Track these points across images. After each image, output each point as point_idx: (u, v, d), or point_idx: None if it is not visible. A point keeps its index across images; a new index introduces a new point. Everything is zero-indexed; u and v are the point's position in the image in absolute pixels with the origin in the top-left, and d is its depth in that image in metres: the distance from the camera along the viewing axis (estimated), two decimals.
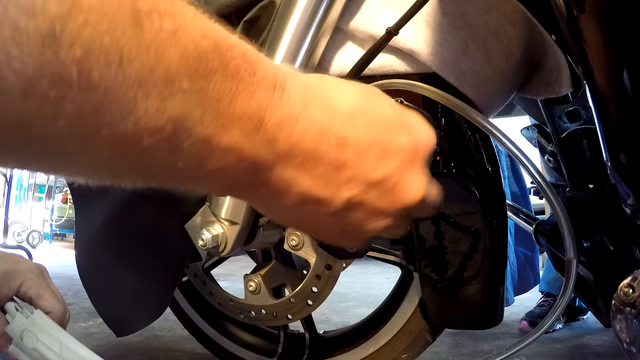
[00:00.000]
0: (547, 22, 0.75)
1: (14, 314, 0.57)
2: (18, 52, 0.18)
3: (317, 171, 0.30)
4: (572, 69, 0.77)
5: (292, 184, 0.30)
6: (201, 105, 0.24)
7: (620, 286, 0.61)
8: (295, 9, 0.73)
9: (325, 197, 0.31)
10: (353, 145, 0.30)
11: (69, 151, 0.23)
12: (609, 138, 0.60)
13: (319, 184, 0.30)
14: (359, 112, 0.31)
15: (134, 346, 1.41)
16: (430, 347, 0.98)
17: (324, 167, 0.30)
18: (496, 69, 0.79)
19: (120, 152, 0.24)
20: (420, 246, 0.82)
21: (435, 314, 0.85)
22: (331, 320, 1.87)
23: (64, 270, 2.83)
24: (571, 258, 0.68)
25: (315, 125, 0.29)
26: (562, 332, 1.76)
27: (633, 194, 0.61)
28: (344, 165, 0.30)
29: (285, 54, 0.74)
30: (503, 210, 0.82)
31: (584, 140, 0.90)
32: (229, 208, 0.84)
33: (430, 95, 0.68)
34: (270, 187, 0.30)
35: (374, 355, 0.96)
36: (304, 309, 0.94)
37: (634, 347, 0.60)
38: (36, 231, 5.76)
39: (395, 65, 0.77)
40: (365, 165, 0.31)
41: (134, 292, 0.98)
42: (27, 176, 6.14)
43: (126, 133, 0.23)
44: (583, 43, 0.57)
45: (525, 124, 1.16)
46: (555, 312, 0.70)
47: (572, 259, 0.67)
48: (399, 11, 0.69)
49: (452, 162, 0.78)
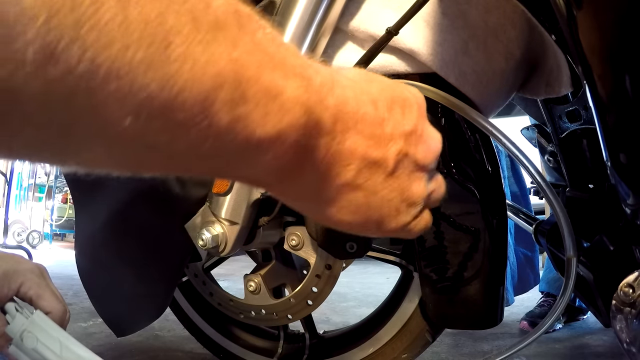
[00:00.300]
0: (547, 22, 0.75)
1: (14, 314, 0.57)
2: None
3: (367, 131, 0.30)
4: (572, 69, 0.77)
5: (352, 147, 0.30)
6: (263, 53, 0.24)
7: (620, 286, 0.61)
8: (295, 9, 0.73)
9: (380, 156, 0.31)
10: (382, 103, 0.32)
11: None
12: (609, 138, 0.60)
13: (371, 144, 0.31)
14: (369, 79, 0.33)
15: (134, 346, 1.41)
16: (430, 347, 0.98)
17: (370, 126, 0.31)
18: (496, 69, 0.79)
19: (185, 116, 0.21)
20: (420, 246, 0.82)
21: (435, 314, 0.85)
22: (331, 320, 1.87)
23: (64, 270, 2.83)
24: (571, 256, 0.68)
25: (348, 90, 0.30)
26: (562, 332, 1.76)
27: (633, 194, 0.61)
28: (383, 122, 0.31)
29: None
30: (503, 210, 0.82)
31: (584, 140, 0.90)
32: (229, 208, 0.84)
33: (430, 95, 0.68)
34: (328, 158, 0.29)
35: (374, 355, 0.96)
36: (304, 309, 0.94)
37: (634, 347, 0.60)
38: (36, 231, 5.76)
39: (395, 65, 0.77)
40: (397, 119, 0.32)
41: (134, 292, 0.98)
42: (27, 176, 6.15)
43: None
44: (583, 43, 0.57)
45: (525, 124, 1.16)
46: (556, 312, 0.70)
47: (572, 258, 0.68)
48: (399, 11, 0.69)
49: (452, 162, 0.78)
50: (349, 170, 0.31)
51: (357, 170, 0.31)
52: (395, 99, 0.33)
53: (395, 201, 0.34)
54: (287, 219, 0.92)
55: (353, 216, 0.33)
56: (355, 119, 0.30)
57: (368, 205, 0.33)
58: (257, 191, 0.83)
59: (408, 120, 0.33)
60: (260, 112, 0.23)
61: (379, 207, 0.33)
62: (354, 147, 0.30)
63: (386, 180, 0.33)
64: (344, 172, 0.30)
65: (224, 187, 0.84)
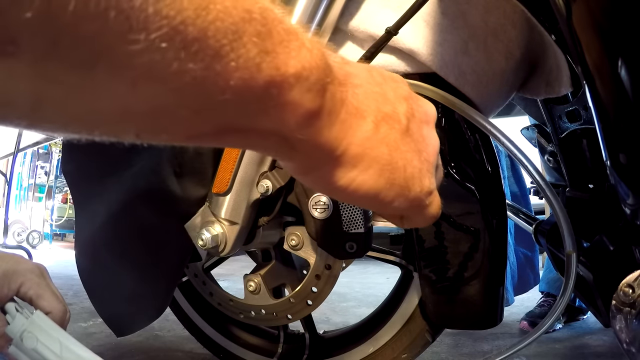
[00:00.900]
0: (547, 22, 0.75)
1: (14, 314, 0.57)
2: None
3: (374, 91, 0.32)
4: (572, 69, 0.77)
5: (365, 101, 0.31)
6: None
7: (620, 286, 0.61)
8: (295, 9, 0.73)
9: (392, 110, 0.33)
10: (377, 75, 0.34)
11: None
12: (609, 138, 0.60)
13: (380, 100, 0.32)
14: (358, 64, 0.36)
15: (134, 346, 1.41)
16: (430, 347, 0.98)
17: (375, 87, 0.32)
18: (496, 69, 0.79)
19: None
20: (420, 246, 0.82)
21: (435, 314, 0.85)
22: (331, 320, 1.87)
23: (64, 270, 2.83)
24: (570, 252, 0.68)
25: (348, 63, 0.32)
26: (562, 332, 1.76)
27: (633, 194, 0.61)
28: (382, 85, 0.33)
29: None
30: (503, 210, 0.82)
31: (584, 140, 0.90)
32: (229, 208, 0.84)
33: (430, 94, 0.68)
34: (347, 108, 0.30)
35: (374, 355, 0.96)
36: (303, 309, 0.94)
37: (634, 347, 0.60)
38: (36, 231, 5.76)
39: (395, 65, 0.77)
40: (393, 86, 0.34)
41: (134, 292, 0.98)
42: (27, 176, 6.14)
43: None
44: (583, 43, 0.57)
45: (525, 124, 1.16)
46: (557, 309, 0.70)
47: (571, 253, 0.67)
48: (399, 11, 0.69)
49: (452, 162, 0.78)
50: (367, 122, 0.31)
51: (375, 122, 0.31)
52: (385, 74, 0.35)
53: (416, 162, 0.34)
54: (287, 219, 0.92)
55: (377, 179, 0.32)
56: (359, 81, 0.31)
57: (392, 165, 0.32)
58: (257, 191, 0.83)
59: (402, 89, 0.35)
60: (284, 48, 0.24)
61: (402, 168, 0.33)
62: (367, 102, 0.31)
63: (403, 138, 0.33)
64: (364, 124, 0.31)
65: (224, 187, 0.84)
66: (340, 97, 0.29)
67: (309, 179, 0.33)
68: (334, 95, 0.28)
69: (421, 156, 0.35)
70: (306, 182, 0.34)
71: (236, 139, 0.27)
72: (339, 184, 0.32)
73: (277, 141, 0.28)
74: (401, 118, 0.33)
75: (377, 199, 0.33)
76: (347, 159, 0.31)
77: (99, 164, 0.98)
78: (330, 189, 0.32)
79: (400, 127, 0.33)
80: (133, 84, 0.20)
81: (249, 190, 0.83)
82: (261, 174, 0.83)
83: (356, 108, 0.30)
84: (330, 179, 0.32)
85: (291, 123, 0.27)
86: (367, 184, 0.32)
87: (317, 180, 0.32)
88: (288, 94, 0.25)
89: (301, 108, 0.26)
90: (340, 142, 0.30)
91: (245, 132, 0.26)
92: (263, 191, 0.82)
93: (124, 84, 0.20)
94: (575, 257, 0.68)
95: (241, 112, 0.24)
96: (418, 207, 0.36)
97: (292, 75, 0.24)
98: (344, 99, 0.29)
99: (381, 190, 0.33)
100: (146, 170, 0.90)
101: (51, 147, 5.84)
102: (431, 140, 0.36)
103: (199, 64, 0.21)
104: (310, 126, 0.28)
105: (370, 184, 0.32)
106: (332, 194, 0.33)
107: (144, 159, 0.91)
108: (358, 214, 0.82)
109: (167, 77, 0.20)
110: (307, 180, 0.33)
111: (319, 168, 0.31)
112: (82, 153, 1.00)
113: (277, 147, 0.29)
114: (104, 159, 0.97)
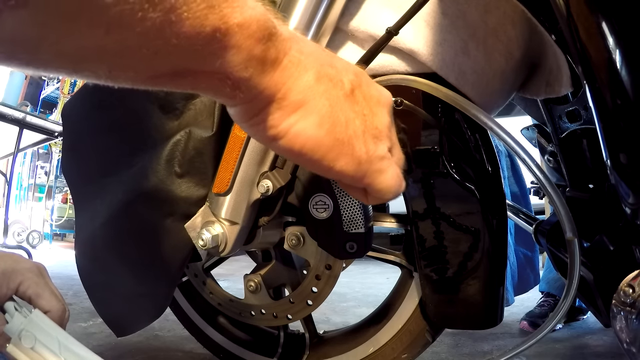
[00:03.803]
0: (547, 22, 0.75)
1: (13, 313, 0.57)
2: None
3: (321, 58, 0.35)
4: (572, 69, 0.77)
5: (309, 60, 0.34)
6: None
7: (620, 286, 0.61)
8: (295, 9, 0.73)
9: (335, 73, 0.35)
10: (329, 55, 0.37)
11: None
12: (609, 138, 0.60)
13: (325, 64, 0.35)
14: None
15: (134, 346, 1.41)
16: (430, 347, 0.98)
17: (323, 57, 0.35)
18: (496, 69, 0.79)
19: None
20: (420, 246, 0.82)
21: (435, 314, 0.85)
22: (331, 320, 1.87)
23: (64, 270, 2.83)
24: (571, 237, 0.67)
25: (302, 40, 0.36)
26: (562, 332, 1.76)
27: (633, 194, 0.61)
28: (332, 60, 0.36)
29: None
30: (503, 210, 0.82)
31: (584, 140, 0.90)
32: (229, 208, 0.84)
33: (430, 90, 0.68)
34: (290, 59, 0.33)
35: (374, 355, 0.95)
36: (304, 309, 0.94)
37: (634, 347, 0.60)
38: (36, 231, 5.76)
39: (395, 65, 0.77)
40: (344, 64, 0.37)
41: (134, 292, 0.98)
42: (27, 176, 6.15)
43: None
44: (583, 43, 0.57)
45: (525, 124, 1.16)
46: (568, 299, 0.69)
47: (572, 239, 0.67)
48: (399, 11, 0.69)
49: (452, 162, 0.78)
50: (309, 74, 0.34)
51: (318, 76, 0.34)
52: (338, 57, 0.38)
53: (359, 124, 0.36)
54: (287, 219, 0.92)
55: (317, 129, 0.34)
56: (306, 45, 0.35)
57: (333, 118, 0.34)
58: (257, 191, 0.83)
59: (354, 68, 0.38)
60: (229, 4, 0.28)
61: (344, 124, 0.35)
62: (310, 59, 0.34)
63: (346, 99, 0.35)
64: (305, 74, 0.33)
65: (224, 187, 0.84)
66: (282, 47, 0.32)
67: (252, 126, 0.35)
68: (276, 45, 0.32)
69: (366, 120, 0.36)
70: (250, 132, 0.36)
71: (189, 80, 0.31)
72: (279, 129, 0.34)
73: (223, 81, 0.31)
74: (345, 83, 0.35)
75: (319, 152, 0.35)
76: (287, 104, 0.33)
77: (99, 164, 0.98)
78: (271, 137, 0.34)
79: (343, 90, 0.35)
80: (107, 29, 0.25)
81: (249, 190, 0.83)
82: (261, 174, 0.83)
83: (299, 60, 0.33)
84: (271, 122, 0.34)
85: (235, 64, 0.31)
86: (306, 131, 0.34)
87: (259, 128, 0.35)
88: (232, 39, 0.29)
89: (244, 51, 0.30)
90: (281, 86, 0.33)
91: (197, 74, 0.31)
92: (263, 191, 0.82)
93: (101, 30, 0.25)
94: (578, 243, 0.68)
95: (192, 54, 0.29)
96: (368, 170, 0.37)
97: (235, 24, 0.29)
98: (286, 50, 0.33)
99: (321, 141, 0.34)
100: (146, 171, 0.90)
101: (51, 147, 5.85)
102: (380, 116, 0.38)
103: (159, 14, 0.26)
104: (252, 67, 0.31)
105: (310, 132, 0.34)
106: (273, 144, 0.35)
107: (144, 159, 0.91)
108: (358, 214, 0.82)
109: (133, 23, 0.25)
110: (252, 129, 0.35)
111: (260, 111, 0.34)
112: (82, 153, 1.00)
113: (223, 88, 0.32)
114: (104, 159, 0.97)
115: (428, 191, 0.79)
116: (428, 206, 0.80)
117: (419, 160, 0.78)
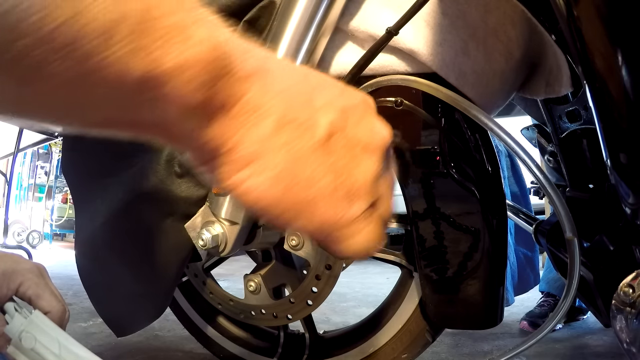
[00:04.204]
0: (547, 22, 0.75)
1: (13, 314, 0.57)
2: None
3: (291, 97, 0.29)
4: (572, 69, 0.77)
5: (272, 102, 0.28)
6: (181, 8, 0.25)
7: (620, 286, 0.61)
8: (295, 9, 0.73)
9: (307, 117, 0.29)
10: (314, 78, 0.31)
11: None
12: (609, 138, 0.60)
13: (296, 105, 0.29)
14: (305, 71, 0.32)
15: (134, 346, 1.41)
16: (430, 347, 0.98)
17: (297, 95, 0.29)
18: (496, 69, 0.79)
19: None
20: (420, 246, 0.82)
21: (435, 314, 0.85)
22: (331, 320, 1.87)
23: (64, 270, 2.83)
24: (571, 237, 0.67)
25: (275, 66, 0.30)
26: (562, 332, 1.76)
27: (633, 194, 0.61)
28: (313, 93, 0.30)
29: (286, 53, 0.74)
30: (503, 210, 0.82)
31: (584, 140, 0.90)
32: (229, 208, 0.84)
33: (430, 91, 0.68)
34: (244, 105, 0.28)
35: (374, 355, 0.95)
36: (304, 309, 0.94)
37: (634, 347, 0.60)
38: (36, 231, 5.76)
39: (395, 65, 0.77)
40: (333, 94, 0.31)
41: (134, 292, 0.98)
42: (27, 176, 6.15)
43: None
44: (583, 43, 0.57)
45: (525, 124, 1.16)
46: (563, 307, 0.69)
47: (572, 238, 0.67)
48: (399, 11, 0.69)
49: (452, 162, 0.78)
50: (267, 122, 0.28)
51: (278, 124, 0.28)
52: (328, 82, 0.32)
53: (329, 181, 0.30)
54: None
55: (271, 188, 0.29)
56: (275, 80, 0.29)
57: (292, 174, 0.29)
58: None
59: (343, 100, 0.31)
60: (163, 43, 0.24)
61: (307, 182, 0.29)
62: (274, 102, 0.28)
63: (316, 151, 0.29)
64: (262, 123, 0.28)
65: None
66: (236, 90, 0.27)
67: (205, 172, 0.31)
68: (226, 89, 0.27)
69: (339, 178, 0.30)
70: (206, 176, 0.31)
71: (127, 130, 0.28)
72: (229, 183, 0.29)
73: (163, 132, 0.28)
74: (318, 129, 0.29)
75: (274, 211, 0.30)
76: (237, 158, 0.29)
77: (99, 164, 0.98)
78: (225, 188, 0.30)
79: (313, 138, 0.29)
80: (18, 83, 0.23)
81: None
82: None
83: (257, 106, 0.28)
84: (220, 175, 0.30)
85: (172, 115, 0.26)
86: (258, 189, 0.29)
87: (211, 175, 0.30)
88: (164, 87, 0.25)
89: (181, 99, 0.26)
90: (229, 137, 0.28)
91: (132, 124, 0.27)
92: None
93: (14, 81, 0.23)
94: (578, 243, 0.68)
95: (122, 104, 0.25)
96: (329, 236, 0.32)
97: (168, 69, 0.24)
98: (243, 93, 0.27)
99: (276, 202, 0.30)
100: (146, 171, 0.90)
101: (51, 147, 5.85)
102: (364, 167, 0.31)
103: (72, 63, 0.22)
104: (193, 118, 0.27)
105: (262, 190, 0.29)
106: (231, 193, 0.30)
107: (144, 159, 0.91)
108: None
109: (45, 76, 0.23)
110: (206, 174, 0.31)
111: (208, 162, 0.30)
112: (82, 153, 1.00)
113: (166, 139, 0.29)
114: (104, 159, 0.97)
115: (428, 191, 0.79)
116: (428, 206, 0.80)
117: (419, 160, 0.78)
